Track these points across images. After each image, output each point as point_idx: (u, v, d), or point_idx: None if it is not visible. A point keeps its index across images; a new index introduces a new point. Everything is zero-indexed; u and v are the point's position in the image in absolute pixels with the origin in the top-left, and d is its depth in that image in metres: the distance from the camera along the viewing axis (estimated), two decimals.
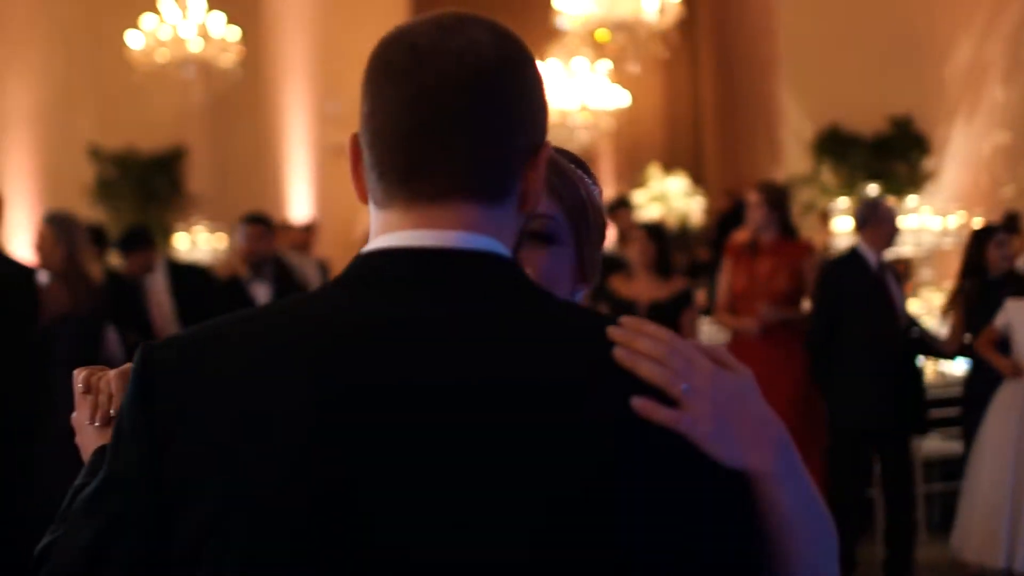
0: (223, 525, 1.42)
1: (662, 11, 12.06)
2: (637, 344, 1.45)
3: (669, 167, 16.70)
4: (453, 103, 1.53)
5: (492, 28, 1.59)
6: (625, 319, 1.49)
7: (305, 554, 1.41)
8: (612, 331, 1.46)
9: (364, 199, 1.60)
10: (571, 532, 1.39)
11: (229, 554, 1.42)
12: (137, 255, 8.84)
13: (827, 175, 13.99)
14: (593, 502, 1.39)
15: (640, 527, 1.39)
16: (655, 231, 7.83)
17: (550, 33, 13.83)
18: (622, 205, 9.00)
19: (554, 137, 2.02)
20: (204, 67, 12.89)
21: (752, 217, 7.50)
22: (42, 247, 6.95)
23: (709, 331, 9.20)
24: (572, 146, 14.35)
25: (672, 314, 7.50)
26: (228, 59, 12.96)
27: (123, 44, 12.88)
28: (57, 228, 6.87)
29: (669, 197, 15.38)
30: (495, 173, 1.55)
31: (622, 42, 12.04)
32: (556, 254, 1.98)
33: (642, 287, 7.62)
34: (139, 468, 1.48)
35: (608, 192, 16.35)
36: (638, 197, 15.73)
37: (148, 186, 14.72)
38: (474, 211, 1.54)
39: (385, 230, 1.55)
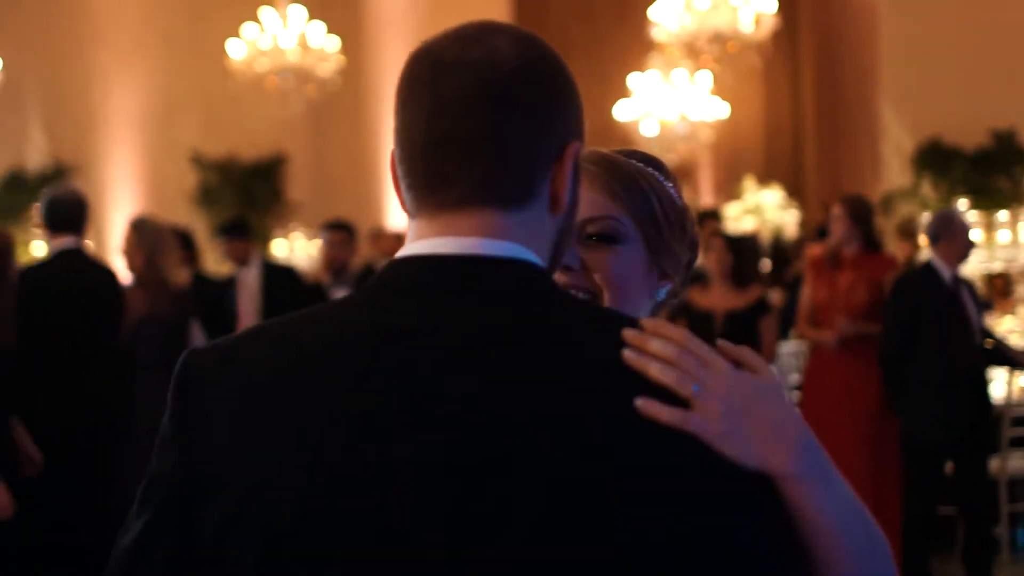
0: (240, 525, 1.47)
1: (757, 22, 12.00)
2: (648, 346, 1.46)
3: (768, 179, 16.58)
4: (471, 113, 1.57)
5: (514, 35, 1.62)
6: (644, 321, 1.49)
7: (318, 555, 1.45)
8: (626, 333, 1.48)
9: (405, 210, 1.64)
10: (577, 534, 1.41)
11: (245, 554, 1.47)
12: (237, 243, 9.05)
13: (927, 189, 13.79)
14: (599, 504, 1.41)
15: (644, 527, 1.41)
16: (732, 241, 7.80)
17: (649, 45, 13.83)
18: (709, 217, 8.96)
19: (653, 149, 2.06)
20: (303, 76, 13.07)
21: (834, 230, 7.43)
22: (126, 251, 7.10)
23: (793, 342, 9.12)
24: (670, 157, 14.34)
25: (749, 324, 7.47)
26: (327, 68, 13.12)
27: (225, 53, 13.11)
28: (138, 232, 7.01)
29: (763, 209, 15.27)
30: (517, 179, 1.58)
31: (716, 53, 11.99)
32: (622, 254, 1.99)
33: (718, 297, 7.60)
34: (174, 468, 1.54)
35: (706, 204, 16.28)
36: (732, 209, 15.63)
37: (249, 192, 14.96)
38: (496, 217, 1.57)
39: (414, 238, 1.59)
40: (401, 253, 1.59)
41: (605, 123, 16.62)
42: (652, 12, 12.56)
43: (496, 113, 1.57)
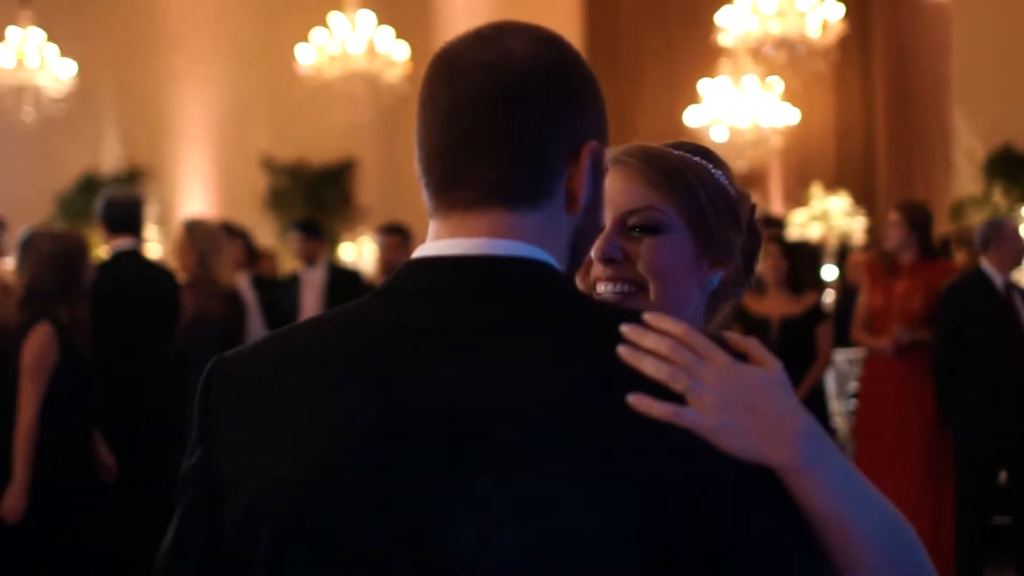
0: (254, 524, 1.52)
1: (824, 28, 11.92)
2: (644, 341, 1.47)
3: (838, 186, 16.45)
4: (484, 114, 1.60)
5: (533, 35, 1.65)
6: (647, 315, 1.50)
7: (323, 551, 1.49)
8: (623, 328, 1.48)
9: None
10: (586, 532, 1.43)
11: (259, 552, 1.52)
12: (309, 242, 9.22)
13: (998, 196, 13.63)
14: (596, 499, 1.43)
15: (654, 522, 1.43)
16: (788, 248, 7.76)
17: (719, 50, 13.78)
18: (767, 224, 8.90)
19: (723, 155, 2.10)
20: (371, 81, 13.16)
21: (891, 236, 7.38)
22: (179, 253, 7.19)
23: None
24: (740, 164, 14.29)
25: (805, 330, 7.43)
26: (394, 74, 13.20)
27: (294, 58, 13.23)
28: (191, 234, 7.10)
29: (830, 216, 15.16)
30: (530, 179, 1.60)
31: (783, 59, 11.94)
32: (665, 243, 2.00)
33: (774, 304, 7.57)
34: (199, 469, 1.60)
35: (776, 211, 16.17)
36: (799, 216, 15.53)
37: (318, 196, 15.10)
38: (507, 217, 1.59)
39: (432, 239, 1.63)
40: (416, 254, 1.63)
41: (675, 129, 16.58)
42: (719, 17, 12.51)
43: (508, 114, 1.60)
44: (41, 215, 13.62)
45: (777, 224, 9.05)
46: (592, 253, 1.97)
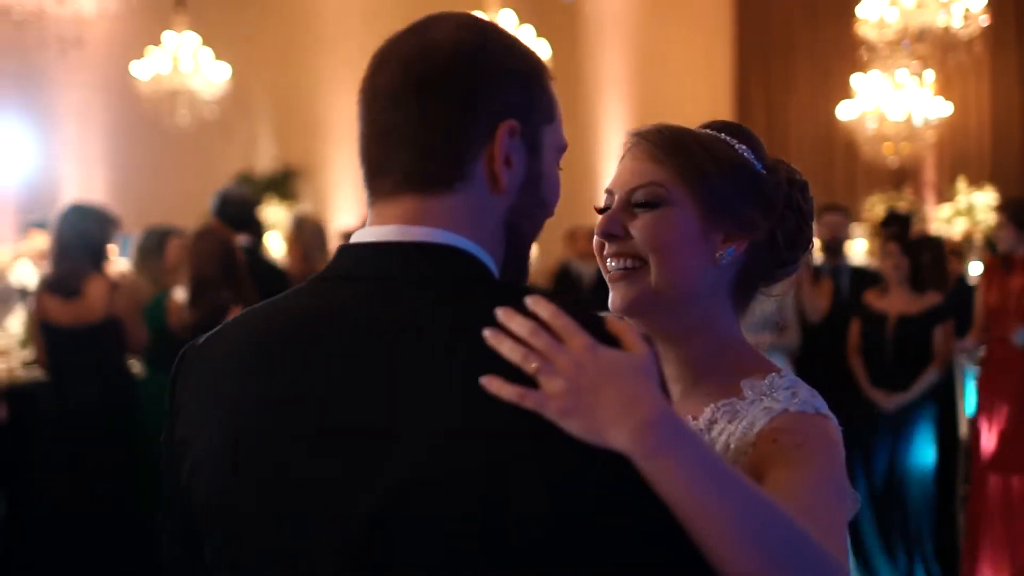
0: (192, 483, 1.70)
1: (966, 19, 11.65)
2: (510, 323, 1.51)
3: (993, 181, 16.02)
4: (397, 105, 1.69)
5: (457, 22, 1.73)
6: (528, 298, 1.53)
7: (224, 519, 1.65)
8: (496, 311, 1.53)
9: None
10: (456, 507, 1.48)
11: (196, 506, 1.69)
12: None
13: None
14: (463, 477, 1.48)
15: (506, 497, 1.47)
16: (909, 246, 7.64)
17: (871, 44, 13.55)
18: (891, 223, 8.74)
19: (875, 149, 2.11)
20: None
21: (1000, 238, 7.24)
22: (288, 248, 7.38)
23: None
24: (892, 159, 14.04)
25: (922, 329, 7.31)
26: None
27: None
28: (297, 230, 7.28)
29: (976, 211, 14.76)
30: (444, 164, 1.67)
31: (925, 51, 11.70)
32: (664, 217, 2.02)
33: (893, 301, 7.46)
34: (166, 436, 1.78)
35: (927, 206, 15.84)
36: (944, 211, 15.17)
37: None
38: (421, 203, 1.67)
39: (364, 226, 1.74)
40: (351, 239, 1.73)
41: (828, 123, 16.37)
42: (860, 10, 12.32)
43: (419, 102, 1.67)
44: (196, 216, 14.05)
45: (900, 220, 8.88)
46: (595, 230, 2.05)
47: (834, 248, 8.52)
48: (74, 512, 6.42)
